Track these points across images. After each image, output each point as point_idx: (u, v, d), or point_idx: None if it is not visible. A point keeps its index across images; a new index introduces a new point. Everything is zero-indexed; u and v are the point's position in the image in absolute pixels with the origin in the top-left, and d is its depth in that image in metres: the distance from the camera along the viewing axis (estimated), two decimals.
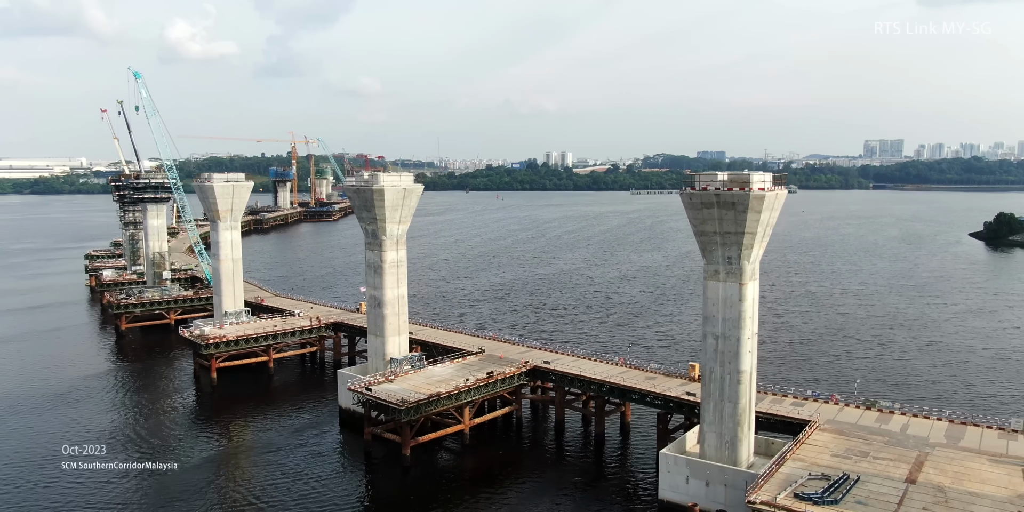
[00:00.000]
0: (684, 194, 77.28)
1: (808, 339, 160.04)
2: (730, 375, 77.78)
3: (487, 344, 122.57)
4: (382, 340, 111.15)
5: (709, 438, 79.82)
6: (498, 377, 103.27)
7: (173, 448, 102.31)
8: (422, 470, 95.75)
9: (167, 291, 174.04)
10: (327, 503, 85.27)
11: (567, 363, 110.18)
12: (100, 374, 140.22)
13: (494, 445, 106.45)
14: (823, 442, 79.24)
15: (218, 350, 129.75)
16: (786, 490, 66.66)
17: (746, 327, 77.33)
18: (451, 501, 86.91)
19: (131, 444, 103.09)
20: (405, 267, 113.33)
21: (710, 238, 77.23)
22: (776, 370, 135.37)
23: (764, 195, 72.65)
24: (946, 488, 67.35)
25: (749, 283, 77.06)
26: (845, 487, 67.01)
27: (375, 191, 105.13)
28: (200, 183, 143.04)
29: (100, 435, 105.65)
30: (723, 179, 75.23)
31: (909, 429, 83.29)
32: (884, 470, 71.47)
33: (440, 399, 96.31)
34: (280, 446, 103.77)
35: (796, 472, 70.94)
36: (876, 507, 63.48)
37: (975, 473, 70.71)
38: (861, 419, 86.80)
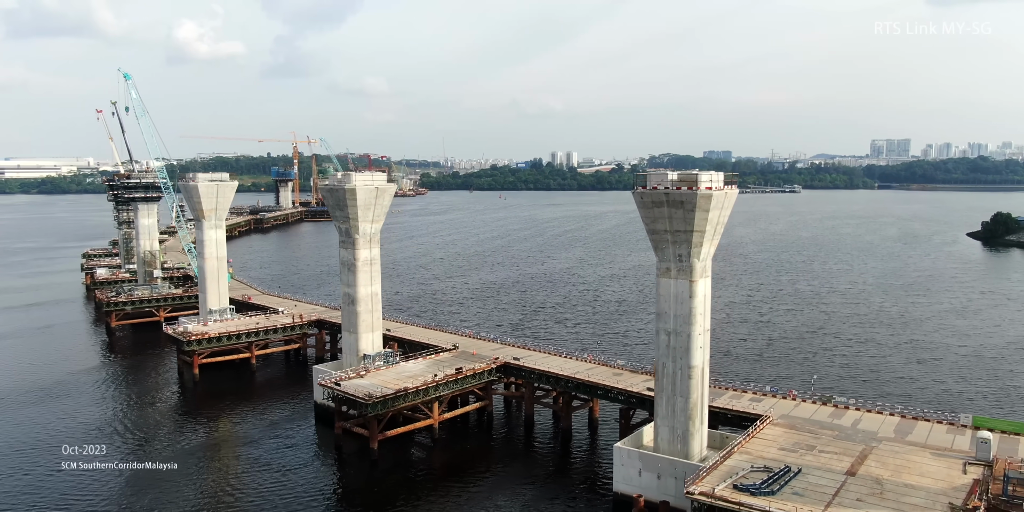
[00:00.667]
0: (636, 193, 79.16)
1: (787, 337, 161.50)
2: (681, 370, 79.59)
3: (462, 341, 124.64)
4: (355, 336, 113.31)
5: (662, 432, 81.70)
6: (467, 373, 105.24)
7: (147, 441, 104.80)
8: (390, 463, 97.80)
9: (156, 289, 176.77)
10: (296, 494, 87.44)
11: (538, 360, 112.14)
12: (86, 370, 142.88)
13: (464, 439, 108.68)
14: (773, 436, 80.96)
15: (200, 347, 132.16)
16: (726, 482, 68.44)
17: (697, 323, 79.16)
18: (416, 493, 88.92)
19: (105, 437, 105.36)
20: (379, 265, 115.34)
21: (661, 236, 79.11)
22: (751, 367, 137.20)
23: (712, 194, 74.45)
24: (884, 480, 69.06)
25: (700, 280, 78.94)
26: (785, 479, 68.77)
27: (347, 190, 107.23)
28: (185, 183, 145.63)
29: (77, 430, 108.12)
30: (673, 178, 77.06)
31: (860, 424, 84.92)
32: (827, 463, 73.19)
33: (407, 394, 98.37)
34: (254, 439, 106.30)
35: (740, 464, 72.70)
36: (812, 498, 65.23)
37: (916, 466, 72.36)
38: (815, 414, 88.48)
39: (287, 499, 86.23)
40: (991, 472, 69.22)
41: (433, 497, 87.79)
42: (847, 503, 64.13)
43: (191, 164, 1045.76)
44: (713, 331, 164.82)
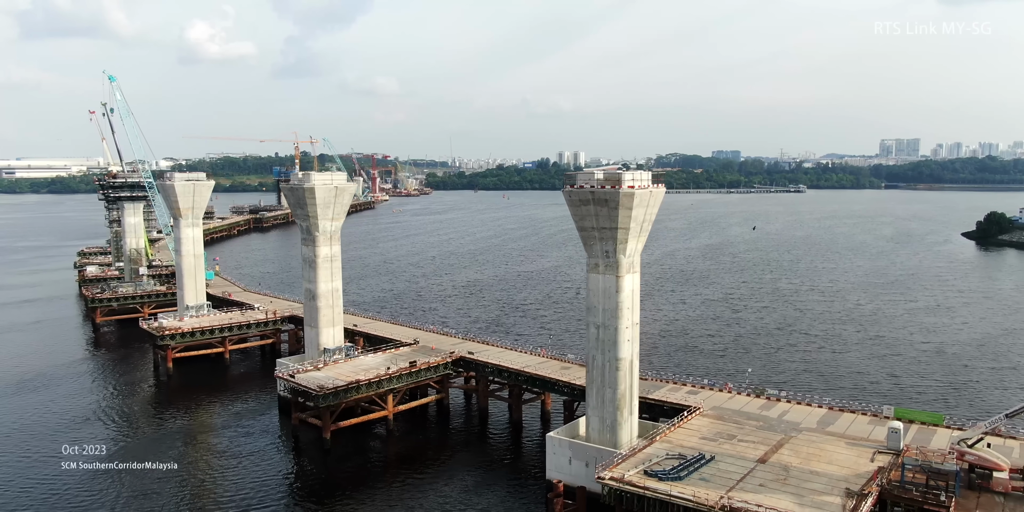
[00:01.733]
0: (565, 192, 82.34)
1: (755, 333, 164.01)
2: (609, 362, 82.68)
3: (426, 336, 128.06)
4: (316, 331, 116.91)
5: (592, 422, 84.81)
6: (421, 367, 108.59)
7: (111, 430, 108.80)
8: (342, 452, 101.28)
9: (141, 286, 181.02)
10: (250, 481, 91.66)
11: (493, 354, 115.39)
12: (67, 363, 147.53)
13: (420, 431, 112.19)
14: (698, 426, 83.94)
15: (174, 341, 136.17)
16: (638, 468, 71.49)
17: (624, 317, 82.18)
18: (364, 480, 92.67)
19: (73, 427, 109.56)
20: (339, 262, 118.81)
21: (589, 233, 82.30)
22: (713, 362, 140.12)
23: (634, 192, 77.50)
24: (791, 467, 71.97)
25: (626, 276, 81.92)
26: (696, 466, 71.76)
27: (306, 189, 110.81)
28: (162, 182, 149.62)
29: (50, 420, 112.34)
30: (599, 178, 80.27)
31: (787, 415, 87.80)
32: (742, 451, 76.14)
33: (360, 386, 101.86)
34: (217, 428, 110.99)
35: (658, 452, 75.75)
36: (716, 483, 68.20)
37: (827, 454, 75.21)
38: (746, 406, 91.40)
39: (240, 485, 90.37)
40: (897, 460, 71.91)
41: (379, 484, 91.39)
42: (749, 488, 67.06)
43: (199, 164, 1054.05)
44: (683, 327, 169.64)
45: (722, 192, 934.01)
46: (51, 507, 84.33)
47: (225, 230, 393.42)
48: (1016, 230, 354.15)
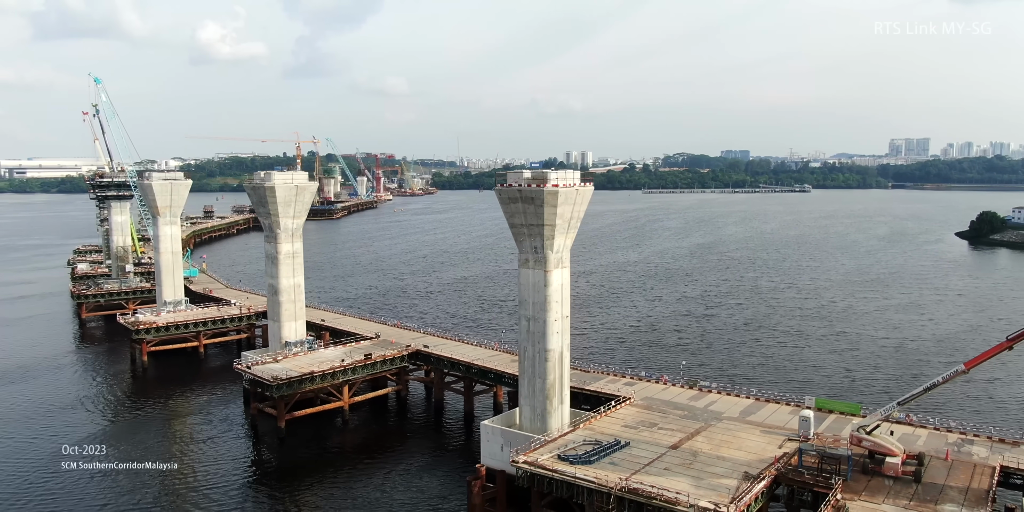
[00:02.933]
0: (496, 190, 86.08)
1: (722, 328, 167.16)
2: (539, 354, 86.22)
3: (390, 330, 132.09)
4: (279, 324, 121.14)
5: (524, 411, 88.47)
6: (376, 359, 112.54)
7: (84, 418, 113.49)
8: (298, 441, 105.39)
9: (126, 283, 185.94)
10: (208, 466, 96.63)
11: (451, 347, 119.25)
12: (49, 356, 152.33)
13: (376, 421, 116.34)
14: (623, 415, 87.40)
15: (148, 335, 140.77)
16: (553, 452, 75.10)
17: (552, 310, 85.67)
18: (315, 467, 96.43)
19: (45, 415, 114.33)
20: (301, 258, 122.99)
21: (519, 230, 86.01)
22: (674, 356, 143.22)
23: (558, 191, 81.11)
24: (700, 453, 75.34)
25: (554, 270, 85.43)
26: (609, 451, 75.23)
27: (267, 188, 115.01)
28: (140, 181, 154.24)
29: (15, 406, 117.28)
30: (526, 177, 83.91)
31: (714, 405, 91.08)
32: (658, 438, 79.56)
33: (314, 377, 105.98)
34: (182, 417, 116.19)
35: (577, 438, 79.31)
36: (623, 466, 71.63)
37: (738, 441, 78.54)
38: (677, 397, 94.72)
39: (196, 469, 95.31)
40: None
41: (329, 469, 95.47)
42: (653, 472, 70.48)
43: (207, 164, 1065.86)
44: (653, 323, 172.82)
45: (727, 192, 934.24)
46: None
47: (224, 229, 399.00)
48: (1008, 229, 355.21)
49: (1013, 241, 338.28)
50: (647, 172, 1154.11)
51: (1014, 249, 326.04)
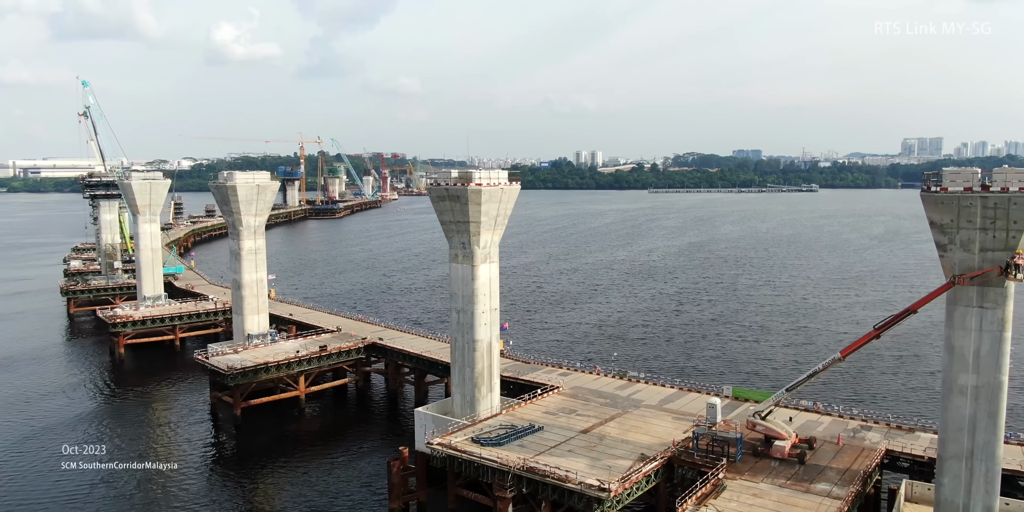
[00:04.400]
0: (427, 188, 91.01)
1: (686, 324, 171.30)
2: (468, 344, 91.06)
3: (353, 324, 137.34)
4: (242, 318, 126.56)
5: (456, 398, 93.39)
6: (331, 351, 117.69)
7: (56, 406, 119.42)
8: (254, 427, 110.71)
9: (113, 279, 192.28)
10: (167, 450, 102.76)
11: (407, 340, 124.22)
12: (35, 348, 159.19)
13: (332, 410, 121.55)
14: (548, 402, 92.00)
15: (125, 329, 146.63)
16: (468, 435, 79.85)
17: (480, 303, 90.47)
18: (268, 452, 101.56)
19: (23, 402, 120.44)
20: (264, 254, 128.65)
21: (448, 227, 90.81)
22: (630, 349, 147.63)
23: (482, 189, 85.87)
24: (607, 437, 79.89)
25: (481, 265, 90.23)
26: (521, 434, 79.90)
27: (229, 187, 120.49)
28: (120, 181, 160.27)
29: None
30: (454, 176, 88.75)
31: (637, 394, 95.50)
32: (572, 424, 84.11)
33: (269, 368, 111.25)
34: (148, 403, 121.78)
35: (494, 423, 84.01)
36: (530, 448, 76.30)
37: (648, 427, 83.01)
38: (606, 386, 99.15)
39: (157, 451, 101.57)
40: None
41: (279, 454, 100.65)
42: (556, 453, 75.08)
43: (218, 164, 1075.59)
44: (621, 318, 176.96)
45: (733, 191, 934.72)
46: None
47: (223, 227, 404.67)
48: None
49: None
50: (655, 172, 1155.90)
51: None
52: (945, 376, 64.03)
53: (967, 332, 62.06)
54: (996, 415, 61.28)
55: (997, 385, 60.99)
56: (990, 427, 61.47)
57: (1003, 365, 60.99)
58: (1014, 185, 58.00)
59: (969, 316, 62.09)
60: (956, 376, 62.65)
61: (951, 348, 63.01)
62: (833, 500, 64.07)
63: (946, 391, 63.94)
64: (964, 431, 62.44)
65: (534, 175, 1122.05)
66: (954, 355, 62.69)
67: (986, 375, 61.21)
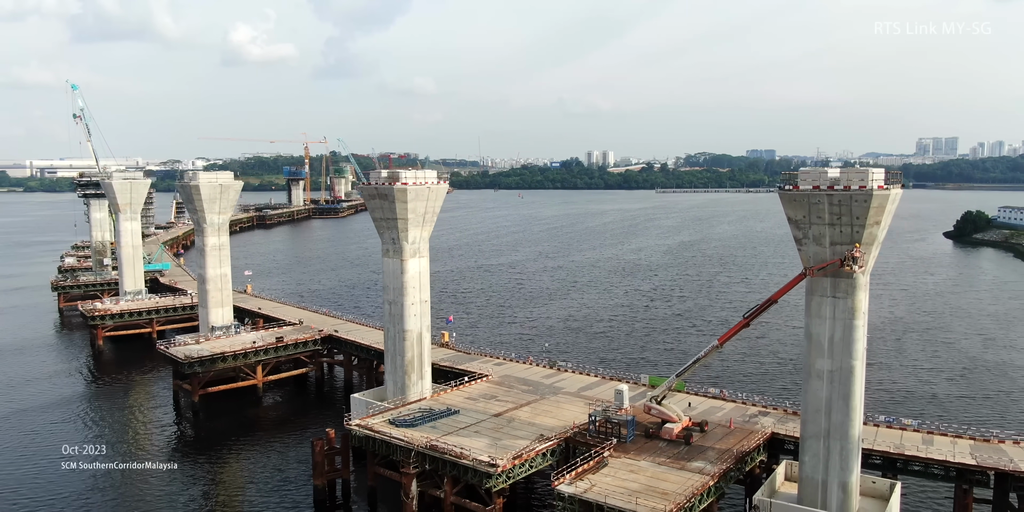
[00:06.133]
0: (359, 188, 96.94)
1: (651, 318, 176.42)
2: (399, 334, 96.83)
3: (315, 317, 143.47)
4: (207, 310, 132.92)
5: (388, 384, 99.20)
6: (287, 342, 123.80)
7: (29, 392, 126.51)
8: (211, 413, 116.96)
9: (100, 275, 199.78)
10: (128, 431, 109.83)
11: (362, 333, 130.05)
12: (22, 339, 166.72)
13: (289, 398, 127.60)
14: (473, 389, 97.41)
15: (103, 322, 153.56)
16: (387, 418, 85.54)
17: (409, 295, 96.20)
18: (223, 436, 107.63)
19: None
20: (228, 251, 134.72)
21: (379, 223, 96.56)
22: (590, 342, 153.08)
23: (407, 188, 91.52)
24: (516, 420, 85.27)
25: (410, 260, 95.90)
26: (436, 417, 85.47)
27: (193, 187, 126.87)
28: (102, 180, 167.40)
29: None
30: (383, 176, 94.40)
31: (560, 382, 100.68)
32: (488, 408, 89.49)
33: (225, 357, 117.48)
34: (118, 390, 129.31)
35: (414, 407, 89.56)
36: (440, 429, 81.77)
37: (558, 411, 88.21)
38: (534, 375, 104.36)
39: (119, 432, 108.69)
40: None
41: (233, 438, 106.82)
42: (463, 434, 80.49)
43: (230, 164, 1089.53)
44: (589, 313, 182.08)
45: (741, 191, 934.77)
46: None
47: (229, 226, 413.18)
48: (992, 229, 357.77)
49: (994, 240, 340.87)
50: (664, 172, 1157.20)
51: (996, 248, 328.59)
52: (805, 361, 69.08)
53: (822, 320, 67.21)
54: (849, 397, 66.24)
55: (849, 369, 65.96)
56: (844, 408, 66.44)
57: (855, 351, 65.99)
58: (855, 184, 62.94)
59: (824, 305, 67.22)
60: (814, 361, 67.74)
61: (809, 335, 68.16)
62: (702, 476, 69.08)
63: (805, 375, 69.09)
64: (821, 412, 67.51)
65: (543, 175, 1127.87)
66: (812, 342, 67.82)
67: (840, 360, 66.23)
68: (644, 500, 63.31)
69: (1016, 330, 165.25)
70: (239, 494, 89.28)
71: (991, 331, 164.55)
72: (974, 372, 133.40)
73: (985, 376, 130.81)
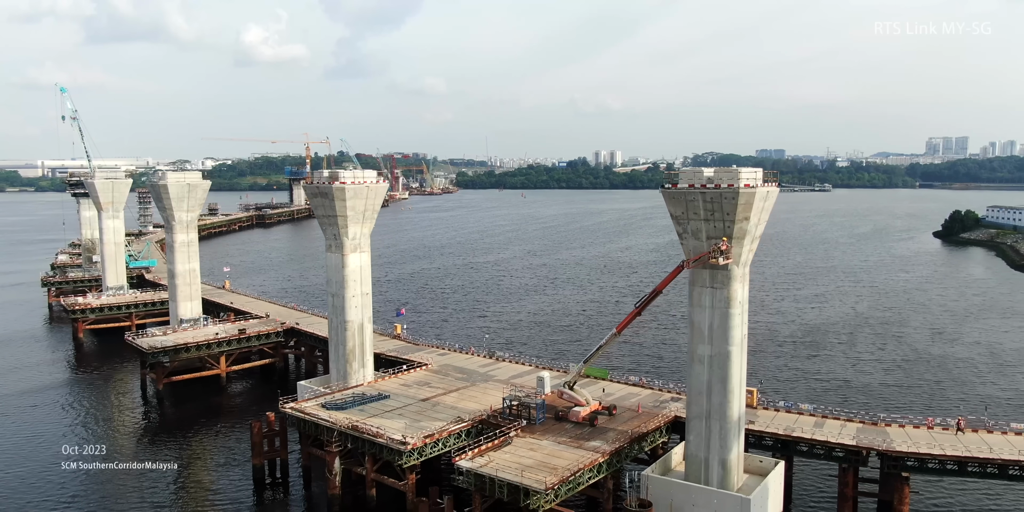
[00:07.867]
0: (303, 186, 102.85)
1: (618, 314, 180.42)
2: (341, 324, 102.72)
3: (283, 311, 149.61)
4: (176, 304, 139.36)
5: (332, 373, 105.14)
6: (249, 334, 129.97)
7: (10, 380, 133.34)
8: (176, 401, 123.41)
9: (89, 271, 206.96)
10: (94, 417, 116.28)
11: (323, 326, 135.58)
12: (10, 332, 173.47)
13: (251, 387, 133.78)
14: (411, 377, 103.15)
15: (84, 315, 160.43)
16: (321, 402, 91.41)
17: (350, 288, 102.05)
18: (183, 423, 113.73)
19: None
20: (196, 247, 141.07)
21: (322, 220, 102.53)
22: (552, 336, 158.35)
23: (346, 187, 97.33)
24: (441, 404, 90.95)
25: (351, 254, 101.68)
26: (366, 401, 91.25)
27: (161, 186, 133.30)
28: (85, 180, 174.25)
29: None
30: (325, 175, 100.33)
31: (494, 371, 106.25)
32: (418, 393, 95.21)
33: (189, 348, 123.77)
34: (91, 379, 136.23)
35: (348, 393, 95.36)
36: (367, 412, 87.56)
37: (482, 397, 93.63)
38: (472, 364, 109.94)
39: (85, 417, 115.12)
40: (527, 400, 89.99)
41: (194, 424, 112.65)
42: (388, 416, 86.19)
43: (238, 163, 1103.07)
44: (557, 308, 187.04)
45: None
46: None
47: (224, 226, 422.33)
48: (979, 228, 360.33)
49: (981, 239, 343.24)
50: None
51: (982, 247, 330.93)
52: (689, 347, 74.35)
53: (703, 309, 72.51)
54: (727, 380, 71.51)
55: (726, 354, 71.22)
56: (722, 391, 71.70)
57: (731, 337, 71.23)
58: (724, 183, 68.21)
59: (704, 295, 72.56)
60: (696, 347, 73.06)
61: (692, 323, 73.48)
62: (594, 453, 74.47)
63: (688, 360, 74.43)
64: (703, 394, 72.81)
65: (548, 175, 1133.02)
66: (694, 329, 73.15)
67: (718, 346, 71.53)
68: (531, 473, 68.72)
69: (968, 324, 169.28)
70: (183, 474, 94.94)
71: (944, 325, 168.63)
72: (913, 363, 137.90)
73: (922, 367, 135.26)
